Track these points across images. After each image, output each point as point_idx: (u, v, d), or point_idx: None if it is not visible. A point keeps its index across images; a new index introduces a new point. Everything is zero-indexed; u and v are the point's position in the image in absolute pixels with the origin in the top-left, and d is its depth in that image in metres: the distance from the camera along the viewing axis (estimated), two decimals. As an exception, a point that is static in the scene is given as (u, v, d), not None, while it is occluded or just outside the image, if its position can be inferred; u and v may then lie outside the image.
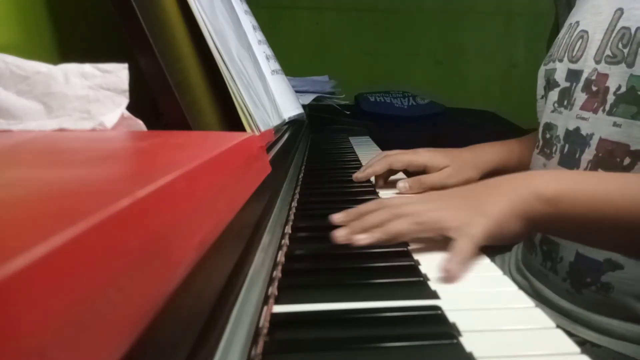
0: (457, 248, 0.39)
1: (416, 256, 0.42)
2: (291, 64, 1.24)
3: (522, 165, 0.77)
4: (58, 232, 0.12)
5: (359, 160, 0.92)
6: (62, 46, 0.53)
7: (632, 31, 0.55)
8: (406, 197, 0.49)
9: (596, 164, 0.58)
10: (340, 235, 0.44)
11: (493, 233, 0.41)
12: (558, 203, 0.44)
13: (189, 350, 0.19)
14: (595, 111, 0.59)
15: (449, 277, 0.37)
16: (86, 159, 0.25)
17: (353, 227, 0.45)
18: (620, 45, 0.56)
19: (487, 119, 1.58)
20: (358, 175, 0.72)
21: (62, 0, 0.55)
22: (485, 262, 0.41)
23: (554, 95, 0.68)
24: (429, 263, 0.40)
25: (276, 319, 0.31)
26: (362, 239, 0.42)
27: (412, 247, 0.44)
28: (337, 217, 0.49)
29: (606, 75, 0.58)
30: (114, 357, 0.13)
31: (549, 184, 0.45)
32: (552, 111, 0.68)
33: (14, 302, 0.10)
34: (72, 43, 0.55)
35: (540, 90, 0.74)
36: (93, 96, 0.36)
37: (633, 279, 0.57)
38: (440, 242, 0.45)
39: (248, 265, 0.31)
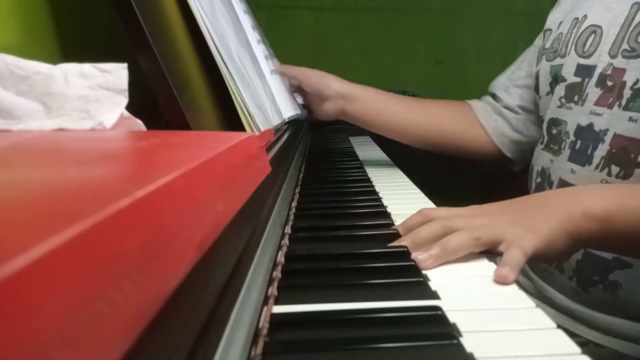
0: (509, 256, 0.39)
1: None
2: (291, 64, 1.24)
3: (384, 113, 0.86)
4: (58, 232, 0.12)
5: (359, 160, 0.92)
6: (62, 46, 0.53)
7: None
8: (451, 209, 0.48)
9: (609, 160, 0.58)
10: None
11: (540, 251, 0.41)
12: (608, 221, 0.44)
13: (188, 350, 0.19)
14: (610, 106, 0.58)
15: (502, 280, 0.37)
16: (86, 159, 0.25)
17: (404, 243, 0.43)
18: (639, 39, 0.56)
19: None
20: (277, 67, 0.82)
21: (62, 1, 0.55)
22: (485, 262, 0.41)
23: (560, 90, 0.67)
24: (429, 263, 0.40)
25: (276, 319, 0.31)
26: (423, 259, 0.40)
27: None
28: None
29: (623, 70, 0.57)
30: (114, 357, 0.13)
31: (598, 201, 0.45)
32: (559, 107, 0.67)
33: (14, 302, 0.10)
34: (72, 43, 0.55)
35: (544, 87, 0.73)
36: (92, 96, 0.36)
37: None
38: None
39: (248, 266, 0.31)
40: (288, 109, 0.78)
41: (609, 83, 0.59)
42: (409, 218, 0.48)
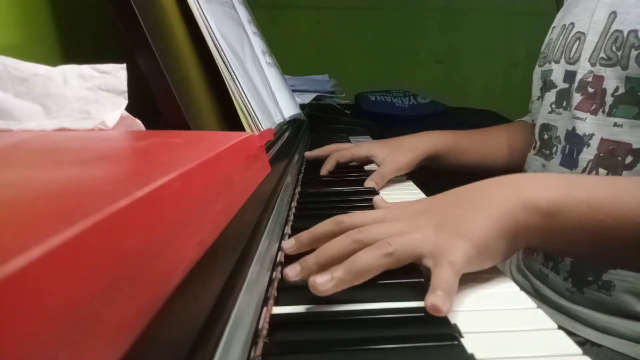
0: (438, 279, 0.32)
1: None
2: (291, 63, 1.24)
3: (470, 153, 0.80)
4: (57, 233, 0.12)
5: (359, 160, 0.92)
6: (62, 46, 0.53)
7: (625, 34, 0.56)
8: (368, 213, 0.41)
9: (597, 164, 0.59)
10: (291, 276, 0.35)
11: (474, 258, 0.35)
12: (554, 214, 0.37)
13: (188, 351, 0.19)
14: (594, 112, 0.59)
15: (435, 312, 0.31)
16: (85, 159, 0.25)
17: (306, 263, 0.36)
18: (614, 48, 0.57)
19: (488, 118, 1.57)
20: (308, 154, 0.82)
21: (62, 1, 0.55)
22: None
23: (551, 96, 0.68)
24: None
25: (276, 320, 0.31)
26: (322, 283, 0.33)
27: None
28: (287, 246, 0.40)
29: (602, 77, 0.58)
30: (113, 358, 0.13)
31: (542, 191, 0.38)
32: (550, 112, 0.68)
33: (14, 302, 0.10)
34: (72, 43, 0.55)
35: (536, 92, 0.75)
36: (92, 97, 0.36)
37: (634, 276, 0.57)
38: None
39: (247, 266, 0.31)
40: (289, 108, 0.78)
41: (590, 90, 0.60)
42: (319, 225, 0.40)
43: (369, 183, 0.69)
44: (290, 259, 0.41)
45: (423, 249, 0.35)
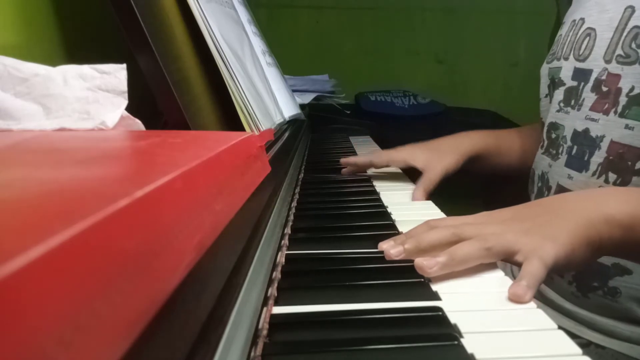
0: (527, 270, 0.35)
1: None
2: (291, 63, 1.24)
3: (511, 153, 0.79)
4: (57, 233, 0.12)
5: (359, 160, 0.92)
6: (62, 46, 0.53)
7: None
8: (460, 218, 0.44)
9: (606, 167, 0.57)
10: (394, 255, 0.40)
11: (561, 261, 0.38)
12: (632, 227, 0.41)
13: (188, 351, 0.19)
14: (606, 112, 0.57)
15: (516, 299, 0.34)
16: (85, 159, 0.25)
17: (409, 246, 0.40)
18: (633, 45, 0.54)
19: (488, 118, 1.57)
20: (344, 161, 0.77)
21: (63, 1, 0.55)
22: (487, 263, 0.41)
23: (559, 94, 0.66)
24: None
25: (276, 320, 0.31)
26: (428, 265, 0.37)
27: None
28: (394, 252, 0.42)
29: (618, 76, 0.56)
30: (113, 358, 0.13)
31: (621, 206, 0.42)
32: (558, 111, 0.66)
33: (13, 303, 0.10)
34: (72, 42, 0.55)
35: (544, 89, 0.72)
36: (92, 97, 0.36)
37: None
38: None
39: (247, 266, 0.31)
40: (289, 108, 0.78)
41: (604, 88, 0.57)
42: (413, 229, 0.44)
43: (418, 192, 0.65)
44: (291, 259, 0.41)
45: (515, 247, 0.38)
